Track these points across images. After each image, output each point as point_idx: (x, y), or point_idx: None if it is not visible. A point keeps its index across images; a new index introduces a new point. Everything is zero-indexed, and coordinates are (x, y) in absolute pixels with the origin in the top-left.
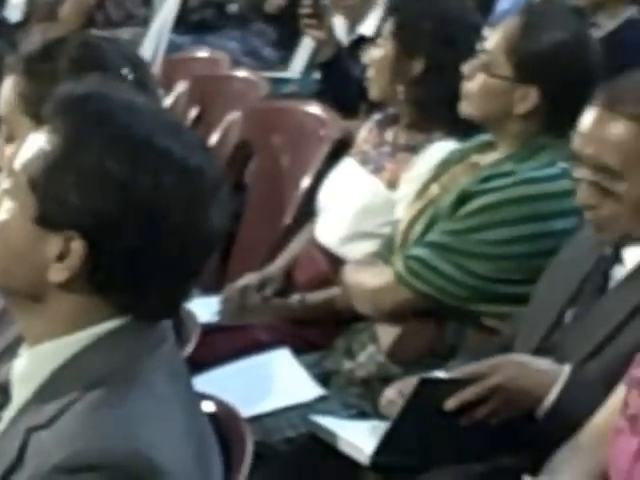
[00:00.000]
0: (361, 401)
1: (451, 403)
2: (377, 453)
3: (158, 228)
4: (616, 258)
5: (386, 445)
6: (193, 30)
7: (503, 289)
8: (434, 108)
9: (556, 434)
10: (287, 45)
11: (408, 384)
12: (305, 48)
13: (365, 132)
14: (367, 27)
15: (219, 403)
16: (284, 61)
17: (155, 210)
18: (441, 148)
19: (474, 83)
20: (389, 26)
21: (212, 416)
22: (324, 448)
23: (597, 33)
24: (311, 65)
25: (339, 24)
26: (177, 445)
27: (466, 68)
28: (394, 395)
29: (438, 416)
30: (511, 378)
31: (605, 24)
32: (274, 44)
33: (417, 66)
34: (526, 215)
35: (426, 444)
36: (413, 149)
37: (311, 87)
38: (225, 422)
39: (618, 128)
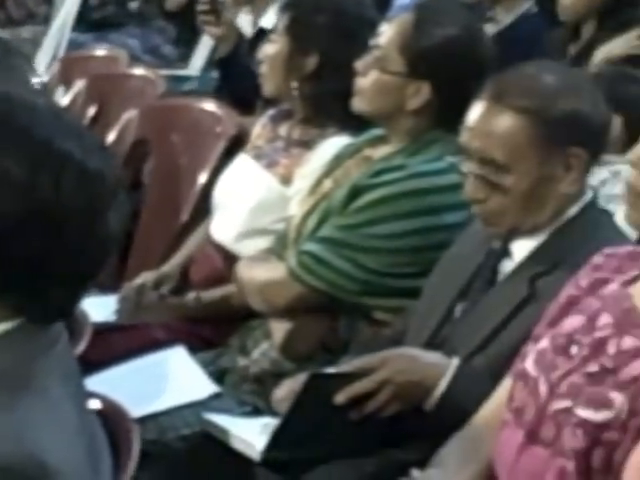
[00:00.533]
0: (255, 398)
1: (340, 397)
2: (268, 449)
3: (56, 231)
4: (505, 252)
5: (277, 441)
6: (94, 28)
7: (395, 283)
8: (328, 104)
9: (444, 426)
10: (187, 42)
11: (299, 381)
12: (205, 45)
13: (259, 127)
14: (268, 20)
15: (106, 401)
16: (184, 58)
17: (54, 213)
18: (335, 143)
19: (367, 79)
20: (283, 22)
21: (100, 415)
22: (218, 445)
23: (495, 28)
24: (211, 62)
25: (245, 17)
26: (69, 446)
27: (359, 64)
28: (284, 393)
29: (329, 411)
30: (399, 371)
31: (502, 19)
32: (175, 42)
33: (311, 62)
34: (417, 208)
35: (317, 439)
36: (307, 144)
37: (211, 84)
38: (113, 420)
39: (504, 121)
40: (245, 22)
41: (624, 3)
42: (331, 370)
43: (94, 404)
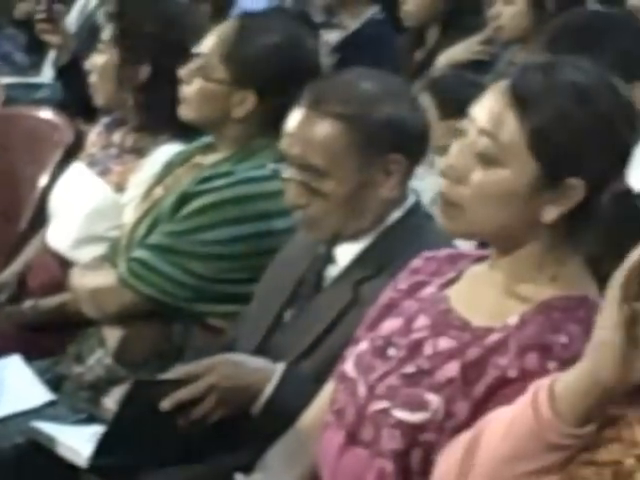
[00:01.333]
0: (90, 405)
1: (166, 404)
2: (95, 456)
3: None
4: (329, 257)
5: (103, 448)
6: None
7: (226, 289)
8: (161, 112)
9: (270, 430)
10: (39, 50)
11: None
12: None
13: (94, 135)
14: None
15: None
16: (36, 66)
17: None
18: (166, 151)
19: (191, 87)
20: (109, 32)
21: None
22: (47, 454)
23: (341, 34)
24: None
25: None
26: None
27: (183, 72)
28: (113, 400)
29: (155, 417)
30: (225, 377)
31: (348, 24)
32: (26, 49)
33: (143, 72)
34: (245, 214)
35: (145, 445)
36: (139, 152)
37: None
38: None
39: (323, 127)
40: None
41: (466, 9)
42: (157, 377)
43: None
